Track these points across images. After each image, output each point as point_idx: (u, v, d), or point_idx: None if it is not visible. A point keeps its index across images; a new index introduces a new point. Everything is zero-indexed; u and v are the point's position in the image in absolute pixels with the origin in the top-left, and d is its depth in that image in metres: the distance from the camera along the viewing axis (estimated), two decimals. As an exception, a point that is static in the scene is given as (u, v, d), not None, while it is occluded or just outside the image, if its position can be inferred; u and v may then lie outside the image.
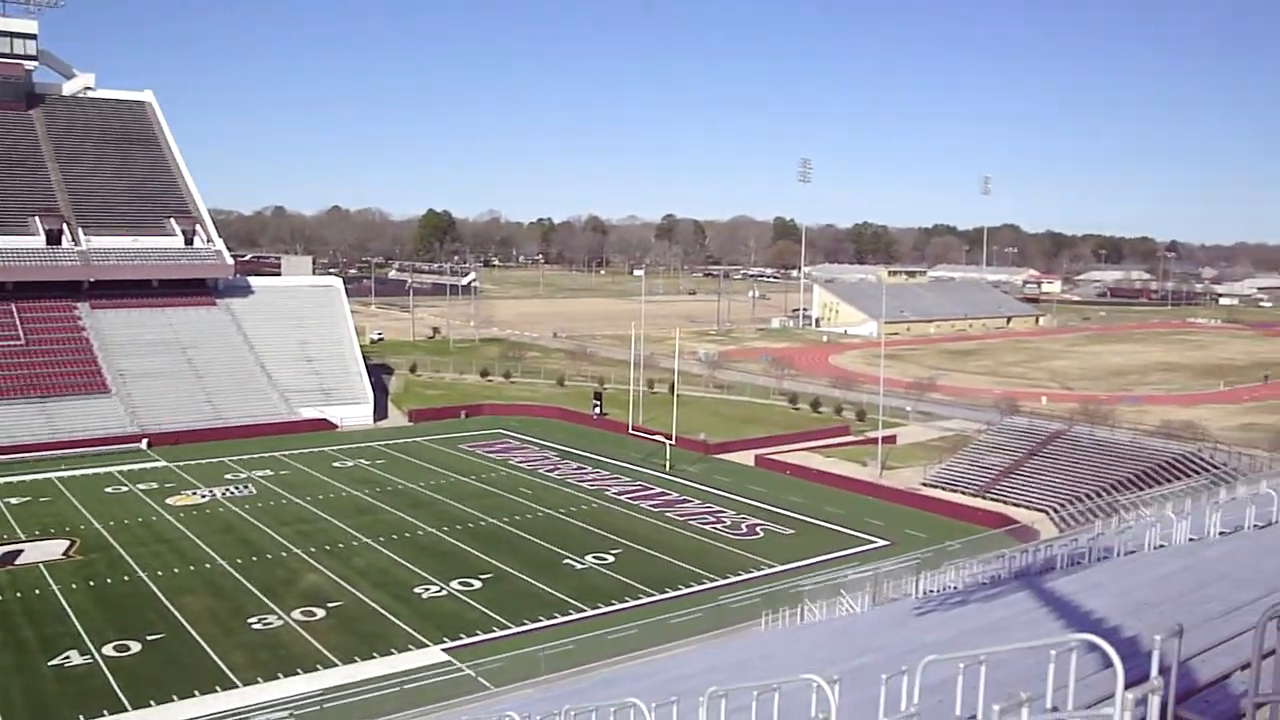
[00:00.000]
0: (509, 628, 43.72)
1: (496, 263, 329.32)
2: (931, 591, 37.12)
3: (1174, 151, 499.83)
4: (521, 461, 75.66)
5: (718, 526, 60.05)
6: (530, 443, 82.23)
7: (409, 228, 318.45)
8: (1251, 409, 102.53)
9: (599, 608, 46.48)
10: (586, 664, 38.81)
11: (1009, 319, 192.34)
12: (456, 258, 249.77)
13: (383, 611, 45.32)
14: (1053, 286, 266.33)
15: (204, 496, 64.11)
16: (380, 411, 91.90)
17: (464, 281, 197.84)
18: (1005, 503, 66.51)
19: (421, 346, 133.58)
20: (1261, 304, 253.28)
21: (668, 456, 74.76)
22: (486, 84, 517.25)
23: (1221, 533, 25.23)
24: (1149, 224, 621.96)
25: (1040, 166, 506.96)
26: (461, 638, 42.48)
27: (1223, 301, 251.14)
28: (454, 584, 48.97)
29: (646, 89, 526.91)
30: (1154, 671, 7.28)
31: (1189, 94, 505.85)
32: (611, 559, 53.44)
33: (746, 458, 77.80)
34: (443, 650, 41.20)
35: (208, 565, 51.26)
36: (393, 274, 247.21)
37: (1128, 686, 6.82)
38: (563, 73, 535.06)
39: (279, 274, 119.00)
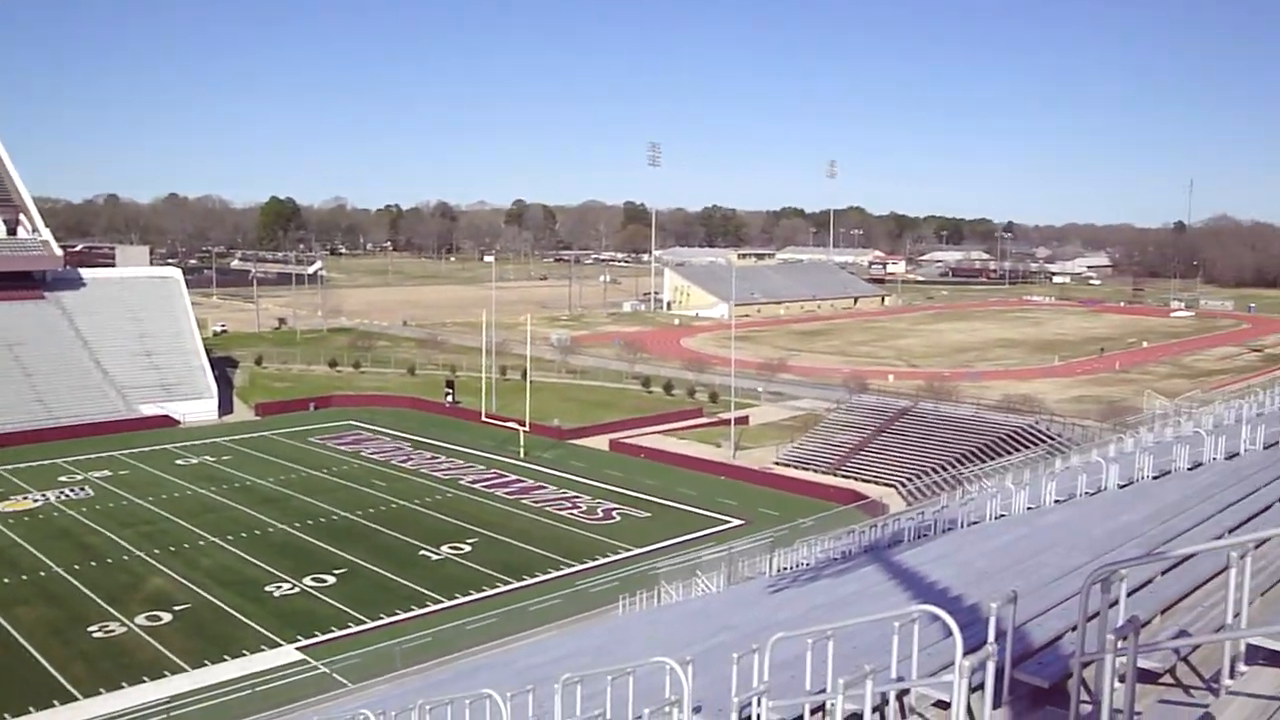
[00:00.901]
0: (365, 623, 43.05)
1: (343, 251, 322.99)
2: (785, 569, 37.78)
3: (1010, 136, 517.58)
4: (374, 453, 74.49)
5: (573, 512, 60.12)
6: (382, 433, 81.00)
7: (251, 216, 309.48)
8: (1083, 382, 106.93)
9: (456, 598, 46.12)
10: (445, 656, 38.44)
11: (856, 299, 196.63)
12: (301, 246, 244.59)
13: (233, 612, 44.12)
14: (897, 267, 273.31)
15: (36, 501, 61.08)
16: (225, 406, 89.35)
17: (310, 270, 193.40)
18: (856, 479, 68.09)
19: (267, 338, 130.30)
20: (1091, 281, 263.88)
21: (522, 443, 74.49)
22: (329, 67, 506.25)
23: (1057, 501, 26.24)
24: (987, 206, 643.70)
25: (884, 150, 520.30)
26: (316, 635, 41.65)
27: (1056, 280, 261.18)
28: (307, 580, 47.99)
29: (493, 72, 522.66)
30: (991, 637, 7.52)
31: (1023, 82, 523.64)
32: (468, 548, 53.06)
33: (601, 442, 78.01)
34: (297, 649, 40.34)
35: (42, 573, 48.80)
36: (235, 264, 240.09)
37: (967, 653, 7.03)
38: (408, 56, 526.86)
39: (113, 265, 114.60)
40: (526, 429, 75.79)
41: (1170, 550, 7.38)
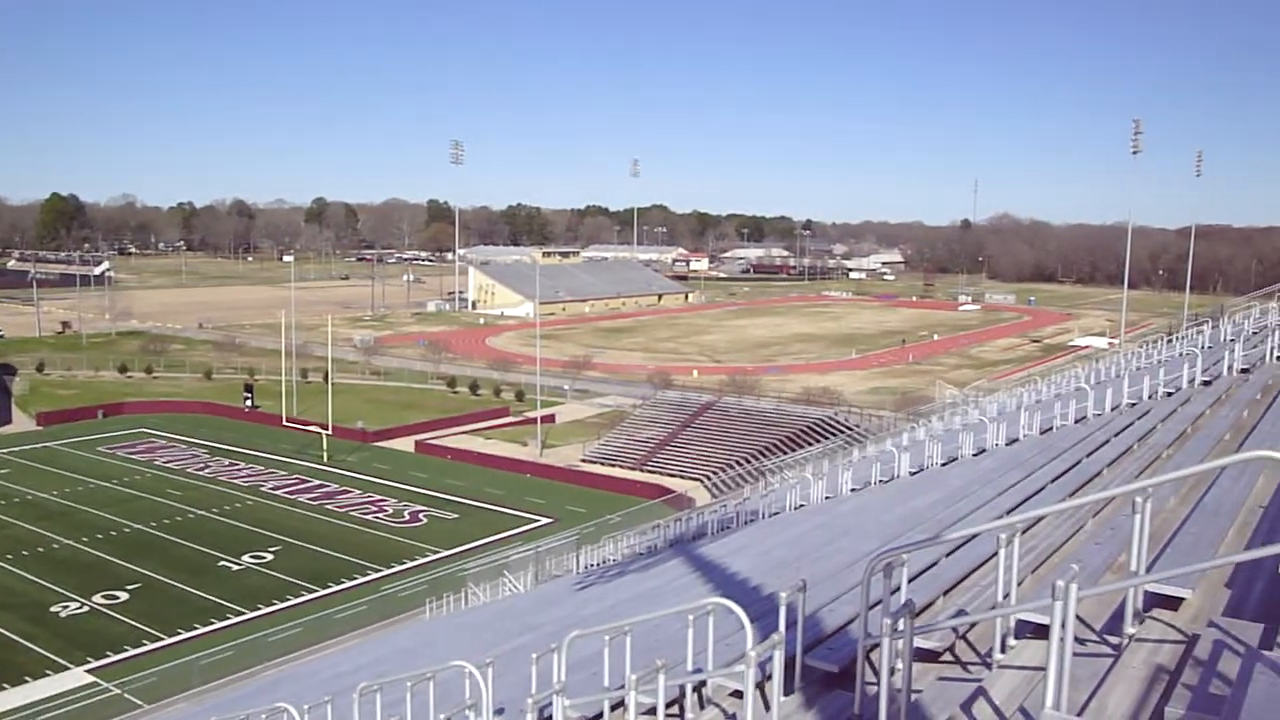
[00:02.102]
0: (161, 639, 41.32)
1: (133, 250, 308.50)
2: (592, 566, 38.01)
3: (807, 136, 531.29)
4: (168, 461, 71.53)
5: (380, 516, 59.13)
6: (177, 441, 77.88)
7: (29, 213, 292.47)
8: (879, 374, 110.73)
9: (259, 609, 44.76)
10: (246, 670, 37.30)
11: (660, 296, 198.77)
12: (87, 245, 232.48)
13: (14, 637, 41.54)
14: (700, 264, 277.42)
15: None
16: (3, 416, 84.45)
17: (96, 271, 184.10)
18: (662, 474, 68.93)
19: (49, 343, 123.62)
20: (885, 277, 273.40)
21: (325, 447, 72.79)
22: (114, 55, 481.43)
23: (852, 489, 27.16)
24: (787, 204, 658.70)
25: (686, 149, 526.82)
26: (108, 655, 39.71)
27: (852, 275, 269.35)
28: (97, 598, 45.71)
29: (291, 67, 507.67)
30: (781, 625, 7.71)
31: (819, 83, 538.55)
32: (270, 557, 51.59)
33: (407, 444, 76.92)
34: (87, 671, 38.37)
35: None
36: (12, 264, 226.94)
37: (761, 642, 7.20)
38: (200, 47, 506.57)
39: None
40: (329, 432, 74.09)
41: (945, 535, 7.69)
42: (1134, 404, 23.27)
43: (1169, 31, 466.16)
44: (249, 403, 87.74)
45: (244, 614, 44.19)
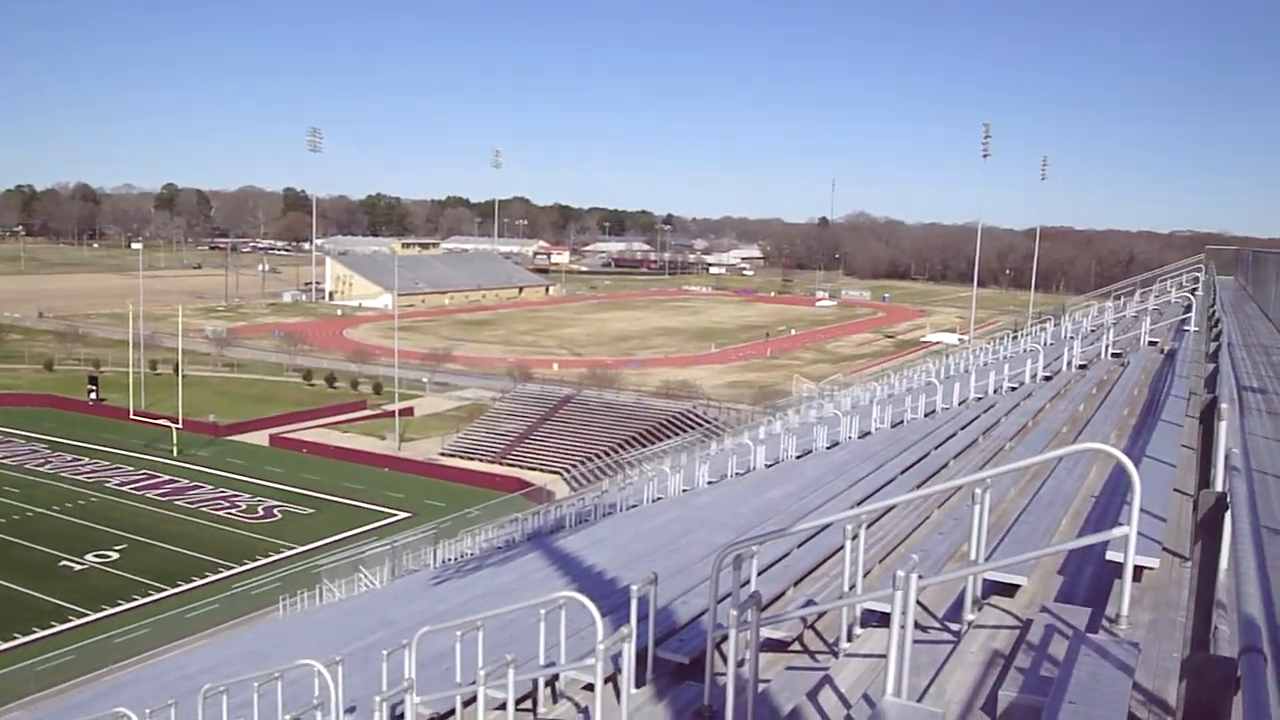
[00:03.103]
0: (-5, 644, 39.66)
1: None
2: (449, 560, 37.69)
3: (669, 132, 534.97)
4: (5, 457, 68.45)
5: (232, 511, 57.73)
6: (15, 435, 74.56)
7: None
8: (738, 368, 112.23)
9: (104, 610, 43.29)
10: (88, 674, 35.95)
11: (521, 289, 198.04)
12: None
13: None
14: (561, 257, 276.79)
15: None
16: None
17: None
18: (522, 467, 68.77)
19: None
20: (744, 272, 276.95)
21: (175, 441, 70.71)
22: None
23: (709, 482, 27.45)
24: (649, 199, 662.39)
25: (548, 141, 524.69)
26: (-64, 662, 37.97)
27: (712, 270, 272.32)
28: (-74, 601, 43.66)
29: (141, 45, 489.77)
30: (633, 618, 7.75)
31: (680, 80, 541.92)
32: (116, 555, 49.92)
33: (261, 438, 75.20)
34: (-88, 679, 36.63)
35: None
36: None
37: (614, 634, 7.22)
38: (41, 20, 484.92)
39: None
40: (180, 426, 72.02)
41: (793, 527, 7.82)
42: (980, 398, 24.01)
43: (1017, 39, 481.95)
44: (94, 395, 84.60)
45: (87, 615, 42.66)
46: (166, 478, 64.45)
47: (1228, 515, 5.71)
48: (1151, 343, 23.83)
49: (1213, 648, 5.47)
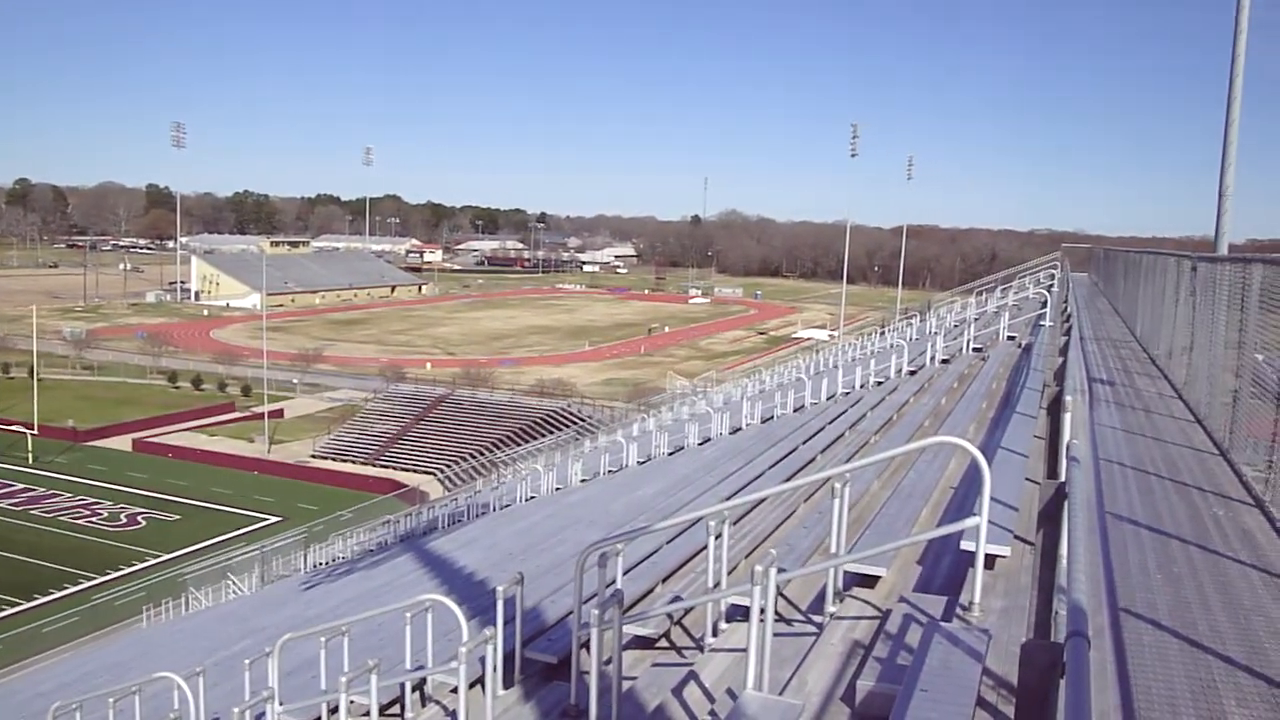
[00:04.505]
0: None
1: None
2: (321, 564, 37.08)
3: (540, 130, 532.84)
4: None
5: (93, 520, 55.89)
6: None
7: None
8: (612, 365, 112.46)
9: (-50, 627, 41.59)
10: (-65, 691, 34.49)
11: (393, 288, 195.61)
12: None
13: None
14: (434, 256, 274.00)
15: None
16: None
17: None
18: (396, 468, 67.99)
19: None
20: (618, 270, 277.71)
21: (30, 448, 68.13)
22: None
23: (582, 480, 27.49)
24: (522, 197, 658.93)
25: (420, 139, 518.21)
26: None
27: (586, 268, 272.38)
28: None
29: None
30: (499, 619, 7.73)
31: (550, 80, 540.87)
32: (-35, 568, 47.98)
33: (124, 443, 72.92)
34: None
35: None
36: None
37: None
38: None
39: None
40: (35, 432, 69.46)
41: (657, 524, 7.88)
42: (848, 393, 24.48)
43: (883, 41, 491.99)
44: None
45: (-67, 632, 40.92)
46: (21, 486, 62.03)
47: (1065, 504, 5.93)
48: (1010, 337, 24.59)
49: (1053, 632, 5.68)
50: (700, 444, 26.07)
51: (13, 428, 70.22)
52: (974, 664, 5.00)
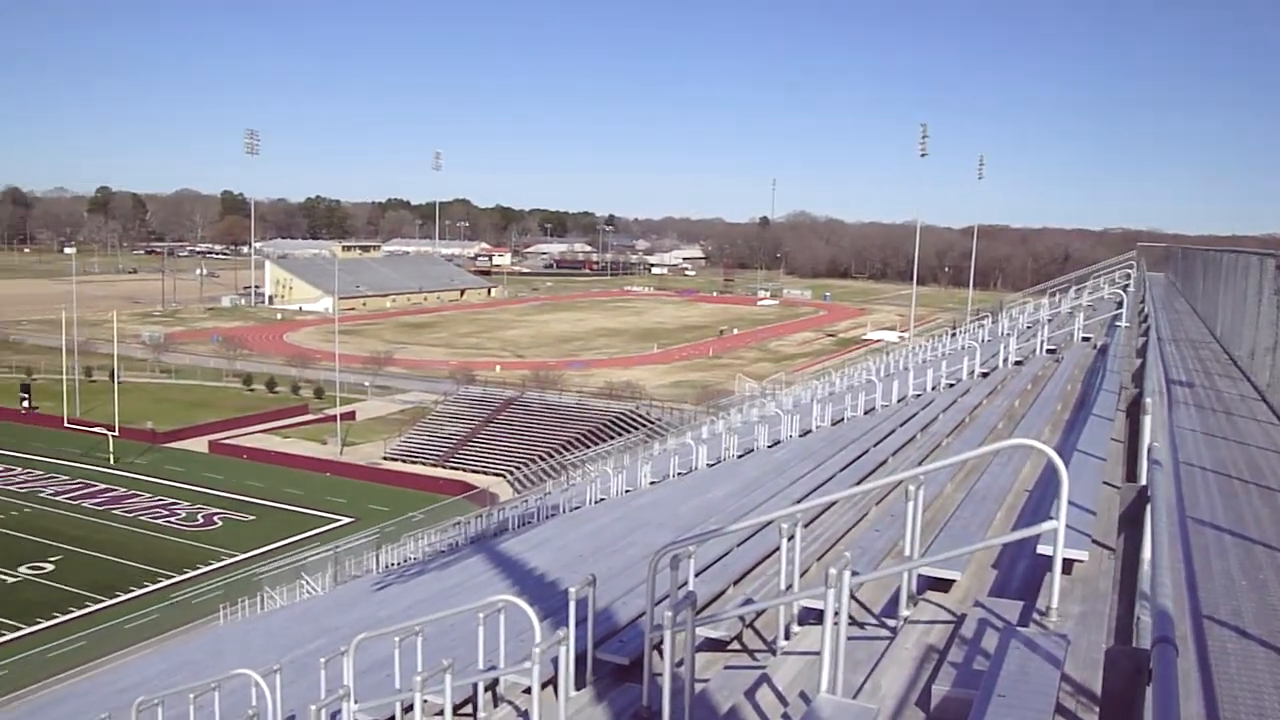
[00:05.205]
0: (-76, 660, 38.82)
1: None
2: (392, 565, 37.46)
3: (611, 132, 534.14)
4: (-66, 468, 67.16)
5: (171, 520, 56.96)
6: (-55, 446, 73.15)
7: None
8: (680, 367, 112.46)
9: (38, 623, 42.52)
10: (22, 689, 35.26)
11: (463, 291, 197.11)
12: None
13: None
14: (503, 259, 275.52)
15: None
16: None
17: None
18: (465, 470, 68.48)
19: None
20: (686, 272, 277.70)
21: (111, 449, 69.61)
22: None
23: (651, 483, 27.48)
24: (590, 200, 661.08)
25: (489, 143, 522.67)
26: None
27: (654, 271, 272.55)
28: None
29: (73, 46, 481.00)
30: (571, 621, 7.75)
31: (619, 81, 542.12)
32: (51, 567, 49.06)
33: (200, 444, 74.26)
34: None
35: None
36: None
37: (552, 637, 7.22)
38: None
39: None
40: (116, 434, 70.92)
41: (729, 527, 7.85)
42: (919, 395, 24.24)
43: (953, 39, 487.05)
44: (26, 403, 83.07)
45: (20, 630, 41.90)
46: (103, 486, 63.42)
47: (1148, 508, 5.82)
48: (1085, 338, 24.19)
49: (1135, 638, 5.58)
50: (770, 446, 25.95)
51: (95, 430, 71.78)
52: (1052, 670, 4.92)
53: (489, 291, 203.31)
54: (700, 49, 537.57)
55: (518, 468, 67.24)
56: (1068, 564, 6.60)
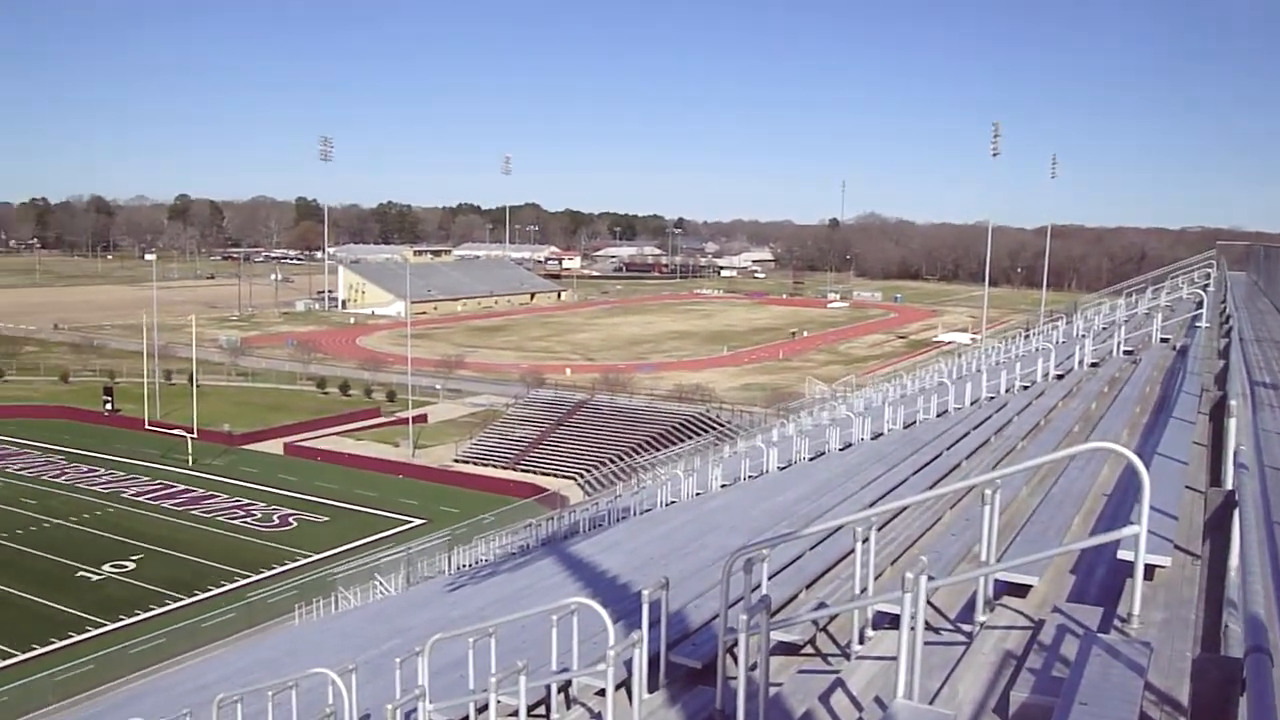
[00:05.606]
0: (15, 655, 39.71)
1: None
2: (464, 566, 37.73)
3: (679, 135, 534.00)
4: (22, 469, 68.73)
5: (248, 520, 57.86)
6: (32, 446, 74.85)
7: None
8: (750, 370, 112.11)
9: (121, 620, 43.41)
10: (105, 684, 36.02)
11: (533, 295, 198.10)
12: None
13: None
14: (573, 262, 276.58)
15: None
16: None
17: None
18: (536, 472, 68.78)
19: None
20: (756, 275, 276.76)
21: (190, 451, 70.90)
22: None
23: (722, 485, 27.42)
24: (659, 203, 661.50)
25: (558, 147, 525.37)
26: (-43, 675, 38.04)
27: (724, 274, 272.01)
28: (-55, 615, 43.72)
29: (150, 58, 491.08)
30: (644, 623, 7.75)
31: (689, 84, 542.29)
32: (133, 565, 50.08)
33: (275, 446, 75.39)
34: (-66, 691, 36.72)
35: None
36: None
37: (625, 639, 7.22)
38: (52, 35, 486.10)
39: None
40: (194, 436, 72.21)
41: (803, 530, 7.81)
42: (992, 397, 23.92)
43: (1025, 37, 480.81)
44: (109, 406, 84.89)
45: (105, 626, 42.80)
46: (182, 487, 64.64)
47: (1236, 513, 5.69)
48: (1163, 340, 23.74)
49: (1223, 647, 5.45)
50: (841, 449, 25.77)
51: (174, 432, 73.14)
52: (1135, 678, 4.83)
53: (559, 295, 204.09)
54: (770, 51, 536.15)
55: (588, 470, 67.43)
56: (1149, 570, 6.48)
